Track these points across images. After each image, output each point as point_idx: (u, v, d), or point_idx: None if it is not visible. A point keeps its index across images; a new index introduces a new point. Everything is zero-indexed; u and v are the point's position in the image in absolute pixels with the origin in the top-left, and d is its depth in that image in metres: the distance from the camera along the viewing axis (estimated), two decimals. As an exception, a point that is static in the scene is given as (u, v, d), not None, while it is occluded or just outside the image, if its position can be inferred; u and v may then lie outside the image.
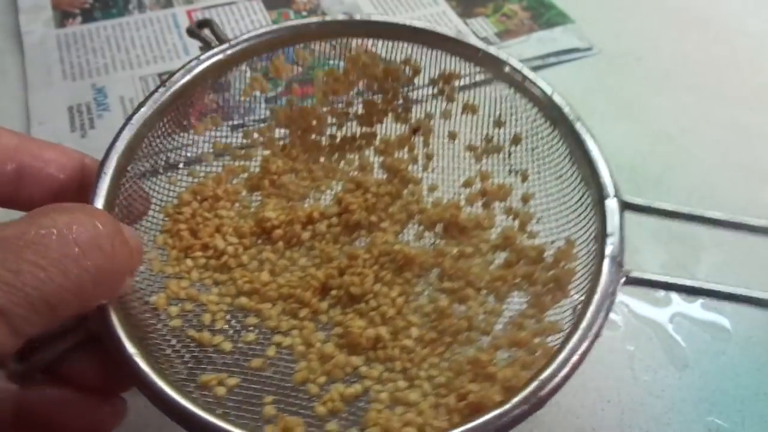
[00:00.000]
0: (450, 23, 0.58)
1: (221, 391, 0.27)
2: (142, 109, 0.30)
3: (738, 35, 0.60)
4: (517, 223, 0.34)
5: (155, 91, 0.31)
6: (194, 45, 0.54)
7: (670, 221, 0.31)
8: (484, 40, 0.57)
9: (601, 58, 0.56)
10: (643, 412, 0.36)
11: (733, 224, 0.32)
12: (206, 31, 0.34)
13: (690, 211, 0.31)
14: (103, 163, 0.28)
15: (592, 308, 0.26)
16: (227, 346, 0.29)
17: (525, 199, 0.34)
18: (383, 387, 0.29)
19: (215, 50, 0.33)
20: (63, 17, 0.56)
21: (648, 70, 0.56)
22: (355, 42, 0.35)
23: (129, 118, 0.30)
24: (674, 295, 0.41)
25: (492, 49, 0.34)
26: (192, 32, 0.34)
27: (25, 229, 0.19)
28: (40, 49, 0.53)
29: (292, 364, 0.29)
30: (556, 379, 0.24)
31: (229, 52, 0.33)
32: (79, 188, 0.27)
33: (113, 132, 0.30)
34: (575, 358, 0.25)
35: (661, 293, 0.41)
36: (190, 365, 0.28)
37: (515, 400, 0.24)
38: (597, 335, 0.26)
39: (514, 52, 0.55)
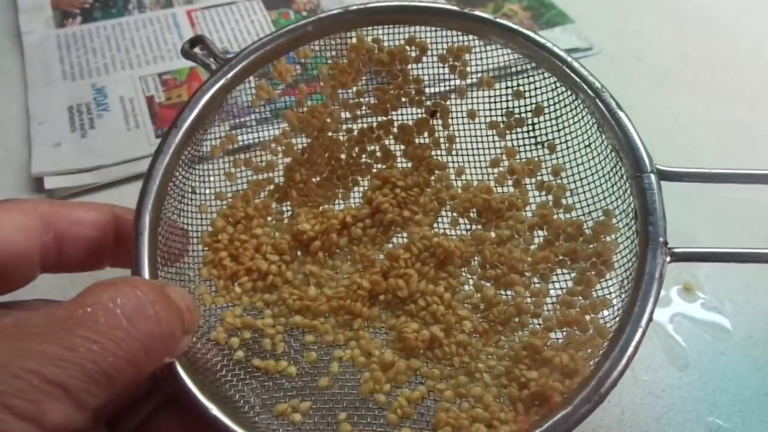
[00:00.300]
0: (450, 23, 0.58)
1: (297, 417, 0.28)
2: (160, 156, 0.30)
3: (738, 35, 0.60)
4: (551, 198, 0.33)
5: (168, 133, 0.30)
6: (194, 45, 0.54)
7: (671, 220, 0.31)
8: (484, 40, 0.57)
9: (601, 58, 0.56)
10: (643, 412, 0.36)
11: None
12: (199, 50, 0.34)
13: (724, 171, 0.31)
14: (136, 224, 0.28)
15: (641, 295, 0.26)
16: (293, 370, 0.30)
17: (555, 172, 0.33)
18: (446, 385, 0.29)
19: (217, 75, 0.32)
20: (63, 17, 0.56)
21: (648, 70, 0.56)
22: (354, 33, 0.34)
23: (150, 172, 0.30)
24: (674, 295, 0.41)
25: (501, 21, 0.33)
26: (187, 53, 0.34)
27: (74, 308, 0.21)
28: (40, 49, 0.53)
29: (356, 376, 0.30)
30: (615, 373, 0.25)
31: (230, 74, 0.32)
32: (116, 239, 0.29)
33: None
34: (630, 350, 0.25)
35: (662, 293, 0.41)
36: (262, 396, 0.29)
37: (578, 400, 0.25)
38: (648, 322, 0.26)
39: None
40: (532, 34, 0.32)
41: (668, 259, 0.27)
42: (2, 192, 0.43)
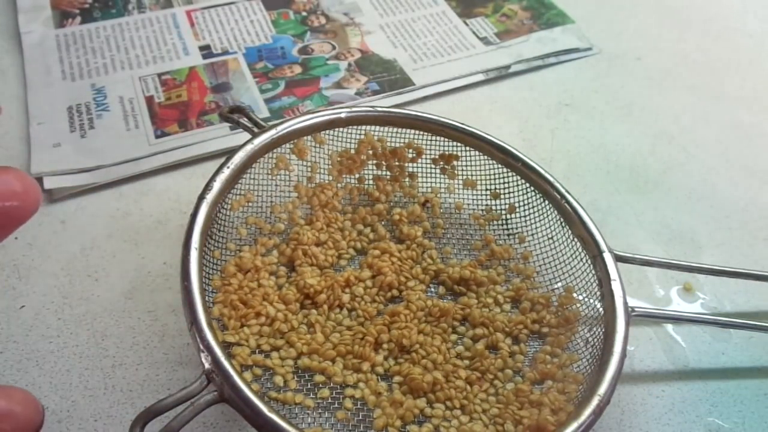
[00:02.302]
0: (450, 23, 0.58)
1: None
2: (207, 196, 0.34)
3: (738, 35, 0.60)
4: (522, 277, 0.39)
5: (200, 202, 0.33)
6: (194, 45, 0.54)
7: (671, 220, 0.32)
8: (484, 39, 0.57)
9: (601, 58, 0.56)
10: (643, 412, 0.36)
11: (719, 272, 0.39)
12: (241, 118, 0.38)
13: (674, 261, 0.39)
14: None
15: (617, 338, 0.33)
16: (310, 402, 0.32)
17: (525, 257, 0.40)
18: (450, 423, 0.33)
19: (264, 137, 0.37)
20: (62, 17, 0.56)
21: (648, 70, 0.56)
22: (364, 130, 0.41)
23: (188, 241, 0.32)
24: (674, 295, 0.41)
25: (485, 135, 0.41)
26: (227, 118, 0.39)
27: None
28: (40, 49, 0.53)
29: (369, 412, 0.33)
30: (608, 393, 0.31)
31: (276, 136, 0.37)
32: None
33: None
34: (615, 379, 0.31)
35: (661, 293, 0.41)
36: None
37: (587, 411, 0.30)
38: (623, 359, 0.32)
39: (514, 52, 0.55)
40: (510, 148, 0.40)
41: (632, 313, 0.35)
42: (2, 192, 0.43)
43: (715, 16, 0.62)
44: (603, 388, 0.31)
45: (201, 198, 0.33)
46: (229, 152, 0.36)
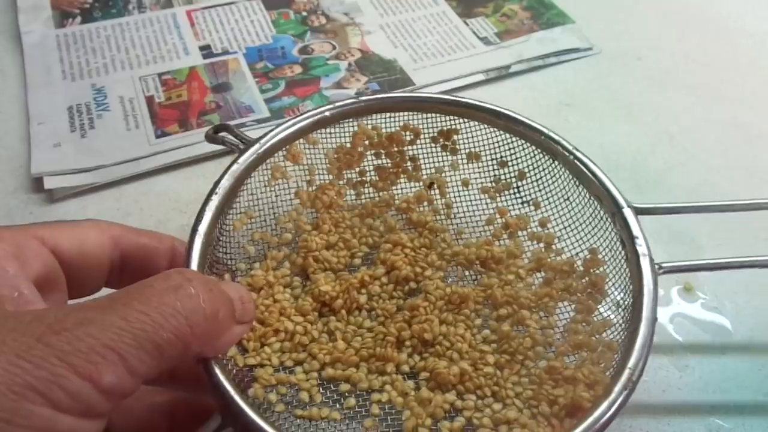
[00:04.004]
0: (450, 23, 0.58)
1: None
2: (204, 214, 0.33)
3: (738, 35, 0.60)
4: (543, 245, 0.38)
5: (193, 235, 0.32)
6: (194, 44, 0.54)
7: (671, 221, 0.32)
8: (484, 39, 0.57)
9: (601, 58, 0.56)
10: (643, 412, 0.36)
11: (731, 206, 0.37)
12: (226, 135, 0.37)
13: (691, 204, 0.37)
14: None
15: (646, 301, 0.31)
16: (337, 415, 0.32)
17: (542, 224, 0.38)
18: (482, 413, 0.32)
19: (249, 154, 0.36)
20: (62, 17, 0.56)
21: (648, 70, 0.56)
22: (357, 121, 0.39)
23: (195, 229, 0.32)
24: (674, 295, 0.41)
25: (481, 104, 0.39)
26: (213, 139, 0.37)
27: (130, 289, 0.24)
28: (40, 49, 0.53)
29: (396, 415, 0.32)
30: (641, 363, 0.29)
31: (260, 150, 0.36)
32: (169, 267, 0.31)
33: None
34: (647, 347, 0.30)
35: (661, 292, 0.41)
36: None
37: (613, 394, 0.28)
38: (654, 323, 0.30)
39: (515, 52, 0.55)
40: (509, 113, 0.38)
41: (660, 271, 0.33)
42: (2, 192, 0.43)
43: (715, 16, 0.62)
44: (633, 359, 0.29)
45: (193, 230, 0.32)
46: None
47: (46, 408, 0.20)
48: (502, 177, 0.40)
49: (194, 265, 0.31)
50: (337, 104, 0.38)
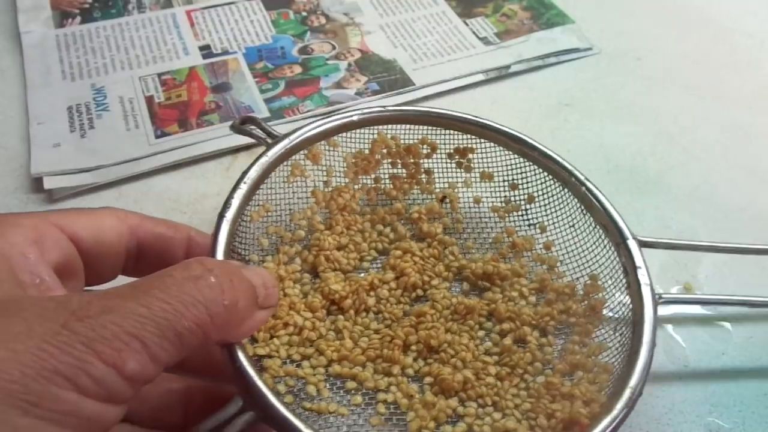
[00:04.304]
0: (450, 23, 0.58)
1: None
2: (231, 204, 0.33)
3: (738, 35, 0.60)
4: (546, 267, 0.39)
5: (221, 220, 0.32)
6: (194, 45, 0.54)
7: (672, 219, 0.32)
8: (484, 39, 0.57)
9: (601, 58, 0.56)
10: (643, 412, 0.36)
11: (730, 249, 0.38)
12: (253, 128, 0.38)
13: (693, 242, 0.39)
14: None
15: (646, 328, 0.32)
16: (344, 410, 0.32)
17: (547, 247, 0.40)
18: (483, 421, 0.33)
19: (278, 147, 0.36)
20: (62, 17, 0.56)
21: (648, 70, 0.56)
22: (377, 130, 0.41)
23: (219, 222, 0.32)
24: (675, 295, 0.41)
25: (499, 126, 0.40)
26: (240, 130, 0.38)
27: (152, 277, 0.24)
28: (39, 49, 0.53)
29: (402, 416, 0.33)
30: (641, 384, 0.31)
31: (289, 146, 0.37)
32: (186, 257, 0.31)
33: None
34: (646, 370, 0.31)
35: (661, 291, 0.41)
36: None
37: (620, 405, 0.30)
38: (653, 348, 0.32)
39: (514, 52, 0.55)
40: (525, 137, 0.40)
41: (659, 300, 0.34)
42: (2, 192, 0.43)
43: (715, 16, 0.62)
44: (634, 380, 0.30)
45: (221, 216, 0.33)
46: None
47: (72, 393, 0.21)
48: (512, 198, 0.41)
49: (220, 250, 0.31)
50: (366, 110, 0.40)
